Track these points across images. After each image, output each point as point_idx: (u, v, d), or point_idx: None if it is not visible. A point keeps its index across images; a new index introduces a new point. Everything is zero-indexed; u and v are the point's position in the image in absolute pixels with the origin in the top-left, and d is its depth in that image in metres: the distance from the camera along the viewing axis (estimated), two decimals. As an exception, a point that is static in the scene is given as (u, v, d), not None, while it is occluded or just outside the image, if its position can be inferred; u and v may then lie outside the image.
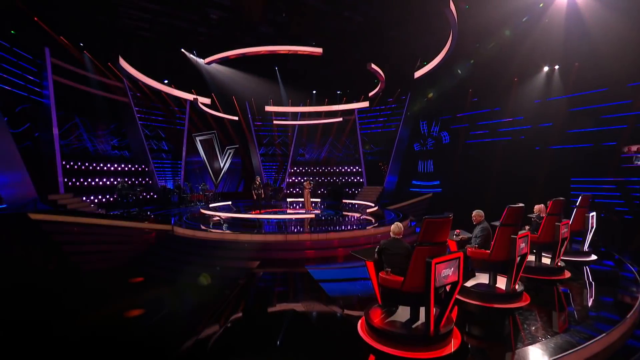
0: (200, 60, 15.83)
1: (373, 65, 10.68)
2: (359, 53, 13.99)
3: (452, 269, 3.63)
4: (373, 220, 11.32)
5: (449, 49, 10.83)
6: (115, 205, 13.17)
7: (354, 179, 20.71)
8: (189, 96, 14.96)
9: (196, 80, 16.76)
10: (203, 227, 9.81)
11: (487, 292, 4.87)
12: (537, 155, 12.49)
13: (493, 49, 12.89)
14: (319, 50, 9.20)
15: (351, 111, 20.17)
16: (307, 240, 8.69)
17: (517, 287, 4.89)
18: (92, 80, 13.23)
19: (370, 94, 14.76)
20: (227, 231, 9.47)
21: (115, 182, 13.70)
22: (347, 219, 11.93)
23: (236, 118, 18.77)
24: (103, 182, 13.47)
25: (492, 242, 4.85)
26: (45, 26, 10.74)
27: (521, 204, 4.88)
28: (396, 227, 4.16)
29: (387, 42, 13.41)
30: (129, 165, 15.24)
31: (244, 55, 9.56)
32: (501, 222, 4.77)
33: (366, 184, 20.27)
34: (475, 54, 14.00)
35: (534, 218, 6.31)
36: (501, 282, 5.10)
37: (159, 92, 16.11)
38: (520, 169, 12.70)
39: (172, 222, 9.95)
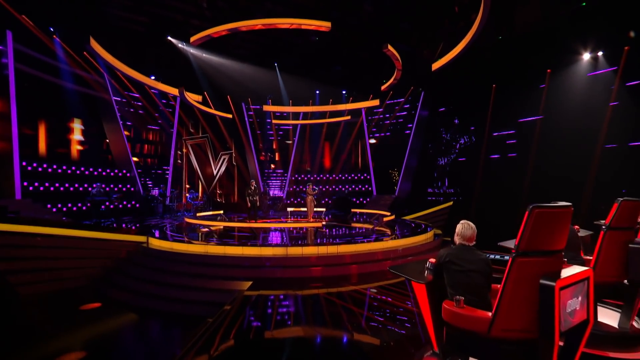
0: (192, 51, 14.77)
1: (390, 48, 9.44)
2: (371, 36, 12.76)
3: (580, 297, 2.17)
4: (389, 232, 9.90)
5: (477, 27, 9.68)
6: (88, 215, 11.75)
7: (362, 188, 19.31)
8: (177, 92, 13.75)
9: (186, 76, 15.64)
10: (185, 239, 8.42)
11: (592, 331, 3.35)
12: (579, 157, 11.07)
13: (521, 33, 11.74)
14: (327, 24, 8.01)
15: (359, 112, 18.95)
16: (314, 254, 7.25)
17: (636, 324, 3.37)
18: (65, 71, 12.00)
19: (383, 87, 13.50)
20: (213, 243, 8.02)
21: (90, 189, 12.31)
22: (359, 230, 10.50)
23: (230, 116, 17.53)
24: (74, 187, 12.07)
25: (595, 254, 3.38)
26: (6, 4, 9.59)
27: (638, 199, 3.43)
28: (467, 227, 2.72)
29: (403, 26, 12.27)
30: (108, 170, 13.87)
31: (237, 30, 8.37)
32: (609, 225, 3.31)
33: (376, 192, 18.86)
34: (499, 43, 12.88)
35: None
36: (604, 316, 3.60)
37: (143, 87, 14.95)
38: (559, 172, 11.27)
39: (148, 232, 8.55)
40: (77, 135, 13.32)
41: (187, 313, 5.60)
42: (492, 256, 3.67)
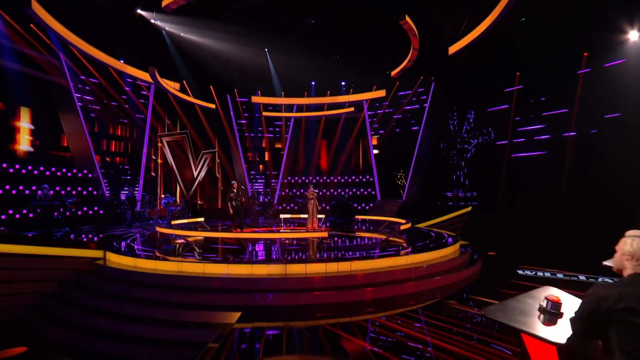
0: (168, 29, 13.55)
1: (408, 19, 8.38)
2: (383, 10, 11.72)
3: None
4: (405, 244, 8.77)
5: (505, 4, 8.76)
6: (37, 223, 10.30)
7: (364, 191, 18.28)
8: (148, 77, 12.46)
9: (162, 58, 14.39)
10: (156, 254, 7.15)
11: None
12: (629, 155, 10.12)
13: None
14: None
15: (360, 107, 17.94)
16: (321, 273, 6.06)
17: None
18: (6, 47, 10.52)
19: (394, 73, 12.47)
20: (190, 259, 6.76)
21: (39, 192, 10.88)
22: (369, 242, 9.38)
23: (212, 106, 16.31)
24: (18, 190, 10.62)
25: None
26: None
27: None
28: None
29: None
30: (64, 169, 12.43)
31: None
32: None
33: (379, 197, 17.82)
34: (523, 23, 12.04)
35: None
36: None
37: (110, 72, 13.61)
38: (603, 174, 10.33)
39: (107, 246, 7.26)
40: (24, 128, 11.87)
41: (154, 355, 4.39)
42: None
